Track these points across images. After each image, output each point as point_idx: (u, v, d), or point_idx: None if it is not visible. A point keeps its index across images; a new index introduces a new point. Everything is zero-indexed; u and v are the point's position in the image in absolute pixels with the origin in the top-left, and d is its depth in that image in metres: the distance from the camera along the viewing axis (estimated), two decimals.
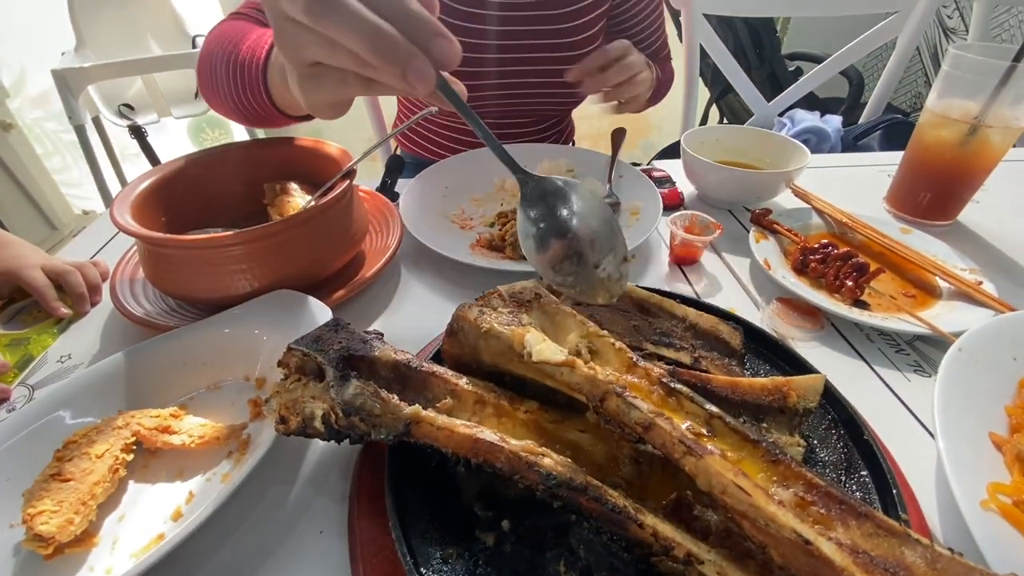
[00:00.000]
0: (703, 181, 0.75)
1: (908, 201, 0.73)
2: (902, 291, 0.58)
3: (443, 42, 0.30)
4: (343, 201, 0.57)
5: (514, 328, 0.36)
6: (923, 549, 0.24)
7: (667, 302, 0.46)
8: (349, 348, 0.39)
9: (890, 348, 0.52)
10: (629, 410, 0.30)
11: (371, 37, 0.29)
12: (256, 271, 0.52)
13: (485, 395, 0.36)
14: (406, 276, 0.63)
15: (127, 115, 1.94)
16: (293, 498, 0.40)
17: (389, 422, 0.34)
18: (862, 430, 0.38)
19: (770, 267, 0.58)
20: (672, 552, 0.27)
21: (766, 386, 0.38)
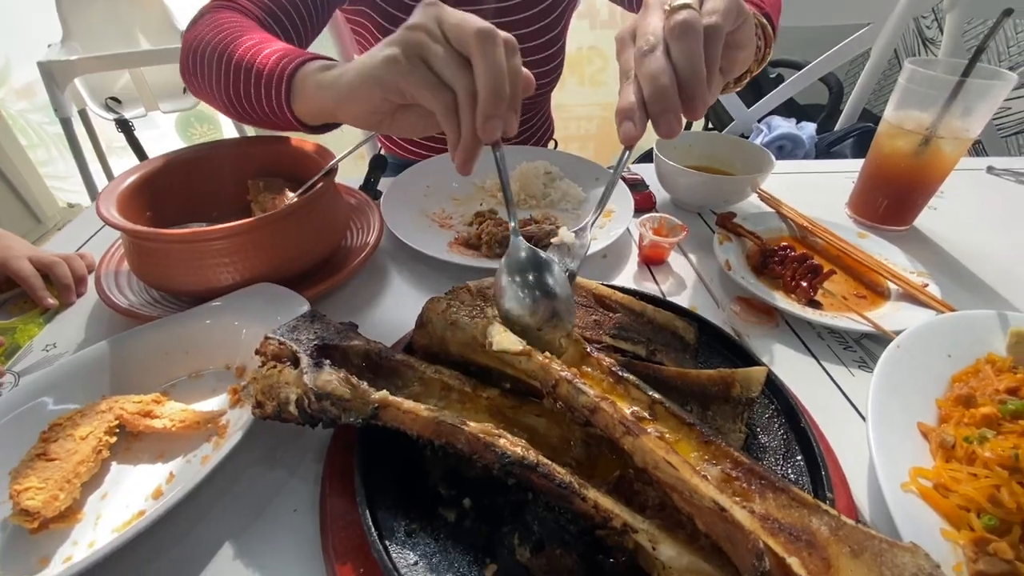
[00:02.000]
0: (674, 185, 0.78)
1: (868, 207, 0.76)
2: (854, 292, 0.61)
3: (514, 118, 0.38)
4: (324, 198, 0.59)
5: (478, 320, 0.39)
6: (829, 518, 0.27)
7: (627, 298, 0.49)
8: (323, 337, 0.41)
9: (839, 345, 0.55)
10: (577, 395, 0.33)
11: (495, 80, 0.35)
12: (238, 265, 0.54)
13: (450, 382, 0.39)
14: (386, 271, 0.66)
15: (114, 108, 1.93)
16: (268, 479, 0.42)
17: (358, 406, 0.36)
18: (800, 418, 0.41)
19: (731, 268, 0.61)
20: (611, 523, 0.29)
21: (712, 377, 0.41)
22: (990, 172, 0.96)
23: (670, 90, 0.35)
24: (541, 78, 0.94)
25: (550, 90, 1.00)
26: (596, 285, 0.50)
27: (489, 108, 0.35)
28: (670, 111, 0.35)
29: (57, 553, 0.36)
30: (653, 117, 0.36)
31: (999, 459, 0.37)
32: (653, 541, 0.28)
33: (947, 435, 0.41)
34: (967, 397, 0.45)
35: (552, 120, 1.16)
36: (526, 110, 1.02)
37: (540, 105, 1.06)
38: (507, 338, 0.36)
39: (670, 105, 0.35)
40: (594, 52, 2.49)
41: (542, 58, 0.91)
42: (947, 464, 0.39)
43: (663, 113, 0.35)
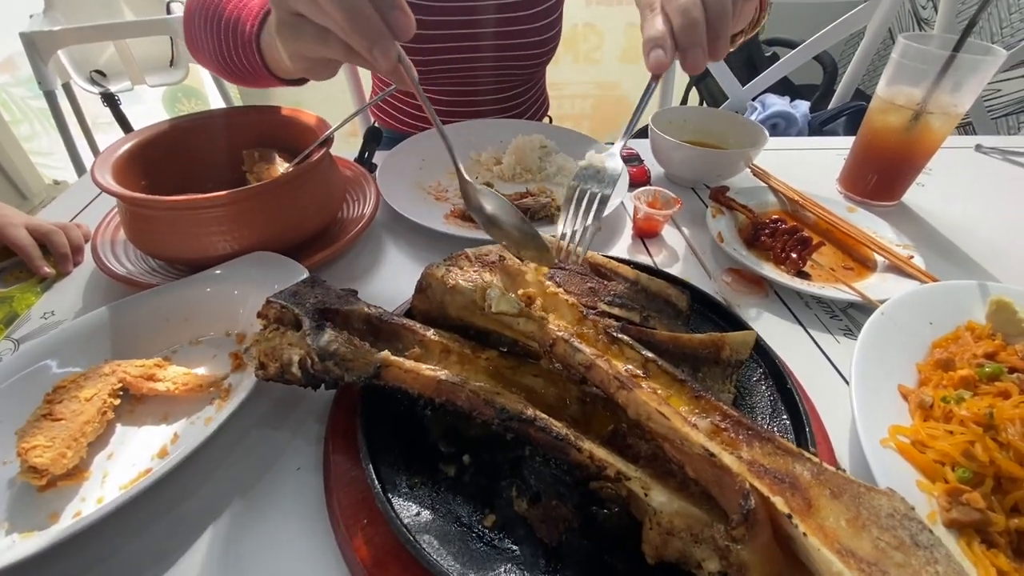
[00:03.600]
0: (668, 159, 0.79)
1: (858, 182, 0.78)
2: (842, 264, 0.63)
3: (400, 15, 0.34)
4: (320, 167, 0.59)
5: (477, 283, 0.40)
6: (812, 465, 0.29)
7: (622, 267, 0.50)
8: (325, 302, 0.42)
9: (825, 314, 0.57)
10: (574, 353, 0.34)
11: (350, 13, 0.32)
12: (236, 233, 0.54)
13: (450, 344, 0.40)
14: (383, 243, 0.66)
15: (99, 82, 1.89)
16: (272, 440, 0.43)
17: (361, 366, 0.37)
18: (787, 380, 0.43)
19: (723, 240, 0.63)
20: (605, 472, 0.31)
21: (703, 340, 0.42)
22: (978, 150, 0.97)
23: (701, 24, 0.37)
24: (538, 47, 0.93)
25: (546, 61, 0.99)
26: (592, 254, 0.50)
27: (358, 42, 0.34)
28: (698, 45, 0.37)
29: (66, 509, 0.37)
30: (682, 50, 0.38)
31: (975, 417, 0.39)
32: (645, 488, 0.30)
33: (926, 396, 0.43)
34: (946, 361, 0.46)
35: (547, 95, 1.16)
36: (521, 82, 1.02)
37: (535, 78, 1.05)
38: (506, 300, 0.37)
39: (699, 39, 0.37)
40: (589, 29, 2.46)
41: (539, 26, 0.91)
42: (925, 423, 0.41)
43: (692, 47, 0.37)
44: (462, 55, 0.90)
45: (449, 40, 0.88)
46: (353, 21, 0.33)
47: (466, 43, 0.89)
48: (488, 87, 0.96)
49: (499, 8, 0.87)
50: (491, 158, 0.80)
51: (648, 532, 0.30)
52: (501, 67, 0.94)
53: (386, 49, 0.33)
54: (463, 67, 0.92)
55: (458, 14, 0.86)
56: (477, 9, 0.86)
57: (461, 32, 0.88)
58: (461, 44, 0.89)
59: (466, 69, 0.92)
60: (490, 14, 0.87)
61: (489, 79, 0.95)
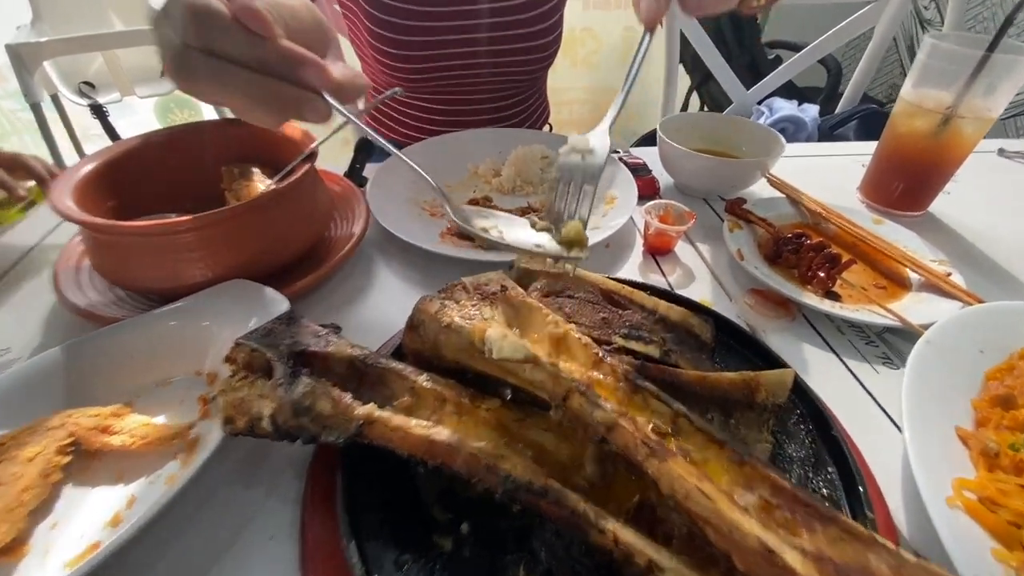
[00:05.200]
0: (678, 169, 0.74)
1: (881, 191, 0.73)
2: (873, 283, 0.58)
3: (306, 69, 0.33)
4: (303, 185, 0.54)
5: (476, 323, 0.34)
6: (888, 554, 0.24)
7: (637, 294, 0.45)
8: (301, 343, 0.37)
9: (860, 340, 0.52)
10: (592, 409, 0.29)
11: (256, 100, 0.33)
12: (210, 259, 0.49)
13: (445, 392, 0.34)
14: (373, 265, 0.61)
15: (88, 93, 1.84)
16: (242, 501, 0.38)
17: (340, 423, 0.32)
18: (830, 425, 0.37)
19: (743, 258, 0.57)
20: (633, 560, 0.26)
21: (735, 381, 0.37)
22: (1001, 155, 0.93)
23: None
24: (538, 52, 0.88)
25: (547, 66, 0.95)
26: (603, 279, 0.45)
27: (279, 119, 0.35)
28: None
29: None
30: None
31: None
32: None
33: (990, 442, 0.37)
34: (1005, 397, 0.41)
35: (548, 103, 1.11)
36: (521, 91, 0.97)
37: (536, 84, 1.00)
38: (509, 344, 0.32)
39: None
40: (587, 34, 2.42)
41: (539, 30, 0.86)
42: (991, 474, 0.36)
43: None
44: (458, 61, 0.85)
45: (444, 47, 0.84)
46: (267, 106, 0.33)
47: (462, 49, 0.84)
48: (486, 95, 0.92)
49: (497, 12, 0.82)
50: (489, 170, 0.75)
51: None
52: (500, 73, 0.89)
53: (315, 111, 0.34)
54: (459, 74, 0.87)
55: (453, 19, 0.81)
56: (473, 13, 0.81)
57: (457, 38, 0.83)
58: (457, 51, 0.84)
59: (463, 76, 0.88)
60: (487, 18, 0.82)
61: (487, 87, 0.91)
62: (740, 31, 1.83)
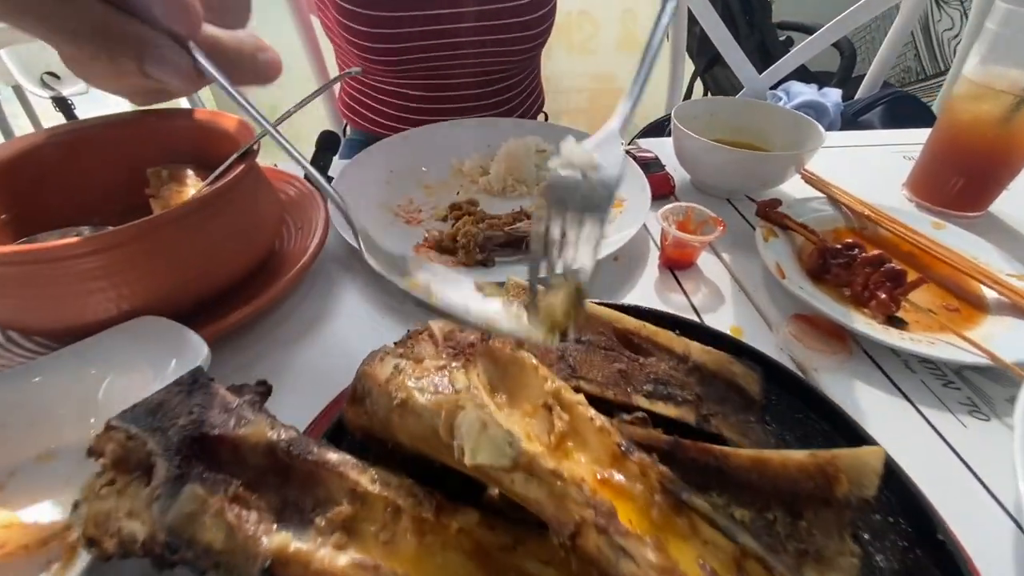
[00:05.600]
0: (697, 164, 0.63)
1: (936, 188, 0.62)
2: (943, 303, 0.47)
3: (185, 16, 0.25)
4: (240, 189, 0.44)
5: (442, 400, 0.24)
6: None
7: (663, 334, 0.34)
8: (202, 423, 0.26)
9: (935, 380, 0.41)
10: (617, 558, 0.19)
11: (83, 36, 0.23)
12: (119, 290, 0.39)
13: (400, 501, 0.24)
14: (334, 286, 0.50)
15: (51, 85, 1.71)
16: None
17: (239, 561, 0.21)
18: (934, 526, 0.27)
19: (784, 275, 0.47)
20: None
21: (804, 466, 0.27)
22: None
23: None
24: (529, 28, 0.77)
25: (538, 46, 0.84)
26: (618, 316, 0.35)
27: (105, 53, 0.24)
28: None
29: None
30: None
31: None
32: None
33: None
34: None
35: (542, 89, 1.00)
36: (511, 75, 0.86)
37: (527, 67, 0.89)
38: (489, 442, 0.21)
39: None
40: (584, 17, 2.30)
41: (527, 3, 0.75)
42: None
43: None
44: (440, 40, 0.74)
45: (424, 23, 0.72)
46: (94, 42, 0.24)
47: (444, 26, 0.73)
48: (472, 79, 0.81)
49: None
50: (476, 167, 0.64)
51: None
52: (487, 54, 0.78)
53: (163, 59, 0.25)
54: (441, 55, 0.76)
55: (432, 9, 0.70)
56: None
57: (437, 13, 0.72)
58: (438, 27, 0.73)
59: (445, 58, 0.77)
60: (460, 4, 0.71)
61: (472, 70, 0.79)
62: (750, 9, 1.71)
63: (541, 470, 0.21)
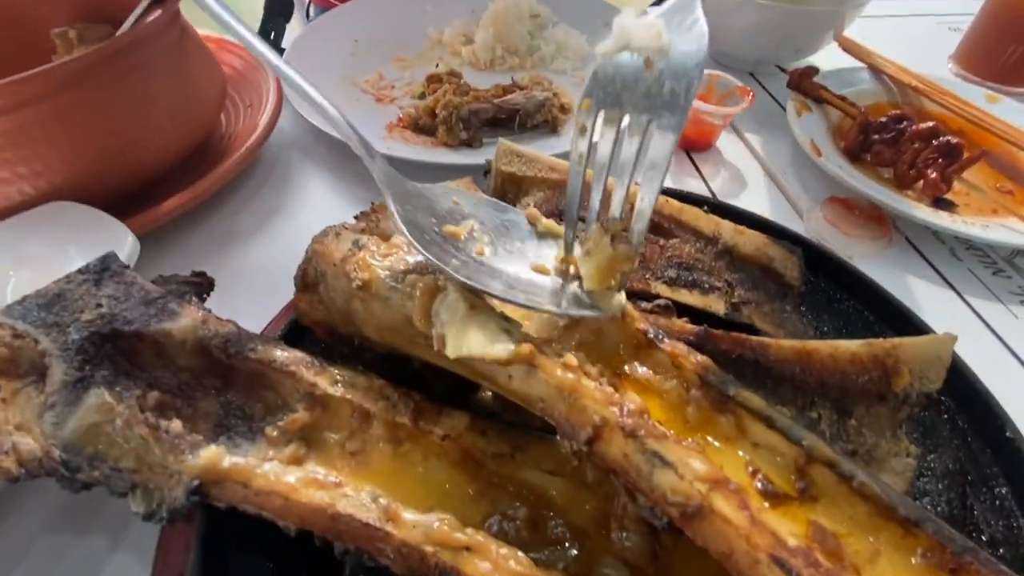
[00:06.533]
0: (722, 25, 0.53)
1: (988, 60, 0.54)
2: (995, 185, 0.42)
3: None
4: (162, 42, 0.35)
5: (415, 280, 0.18)
6: None
7: (689, 211, 0.28)
8: (113, 318, 0.21)
9: (984, 268, 0.37)
10: (651, 467, 0.14)
11: None
12: (27, 164, 0.32)
13: (369, 405, 0.19)
14: (292, 175, 0.43)
15: None
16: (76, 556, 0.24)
17: (160, 480, 0.17)
18: (1003, 424, 0.23)
19: (820, 153, 0.40)
20: None
21: (857, 357, 0.22)
22: None
23: None
24: None
25: None
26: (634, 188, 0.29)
27: None
28: None
29: None
30: None
31: None
32: None
33: None
34: None
35: None
36: None
37: None
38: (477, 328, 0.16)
39: None
40: None
41: None
42: None
43: None
44: None
45: None
46: None
47: None
48: None
49: None
50: (458, 35, 0.54)
51: None
52: None
53: None
54: None
55: None
56: None
57: None
58: None
59: None
60: None
61: None
62: None
63: (547, 362, 0.16)
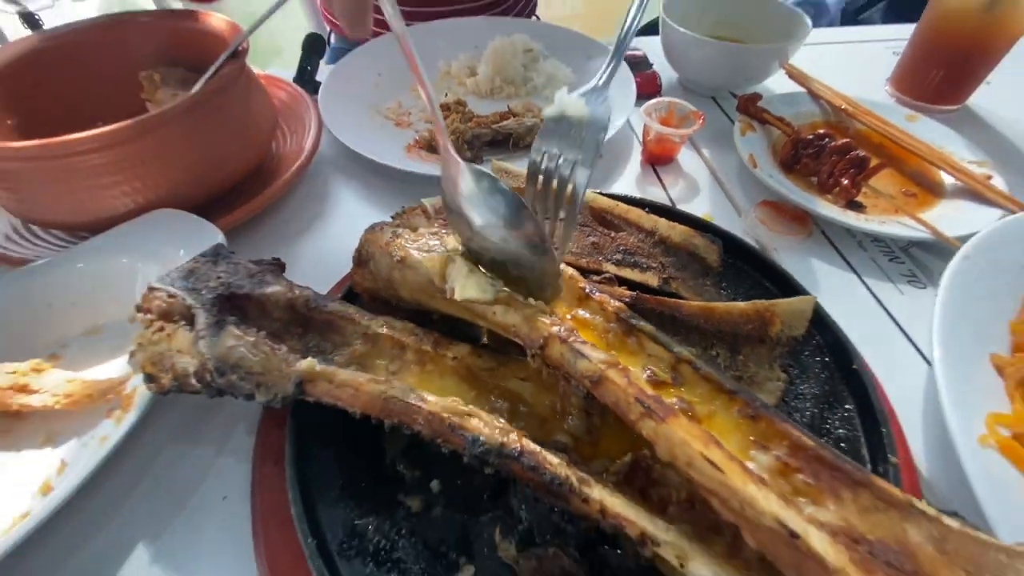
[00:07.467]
0: (684, 60, 0.64)
1: (916, 82, 0.63)
2: (902, 189, 0.51)
3: None
4: (233, 89, 0.45)
5: (435, 256, 0.28)
6: (929, 523, 0.20)
7: (633, 212, 0.38)
8: (231, 284, 0.31)
9: (883, 256, 0.46)
10: (575, 359, 0.24)
11: None
12: (130, 184, 0.42)
13: (404, 339, 0.29)
14: (330, 187, 0.53)
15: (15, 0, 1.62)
16: (191, 460, 0.34)
17: (276, 380, 0.27)
18: (851, 358, 0.33)
19: (756, 164, 0.50)
20: (623, 531, 0.22)
21: (745, 312, 0.32)
22: None
23: None
24: None
25: None
26: (593, 196, 0.38)
27: None
28: None
29: None
30: None
31: None
32: (681, 557, 0.21)
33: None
34: None
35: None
36: None
37: None
38: (475, 282, 0.26)
39: None
40: None
41: None
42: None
43: None
44: None
45: None
46: None
47: None
48: None
49: None
50: (464, 68, 0.64)
51: None
52: None
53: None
54: None
55: None
56: None
57: None
58: None
59: None
60: None
61: None
62: None
63: (516, 301, 0.25)
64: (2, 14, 1.58)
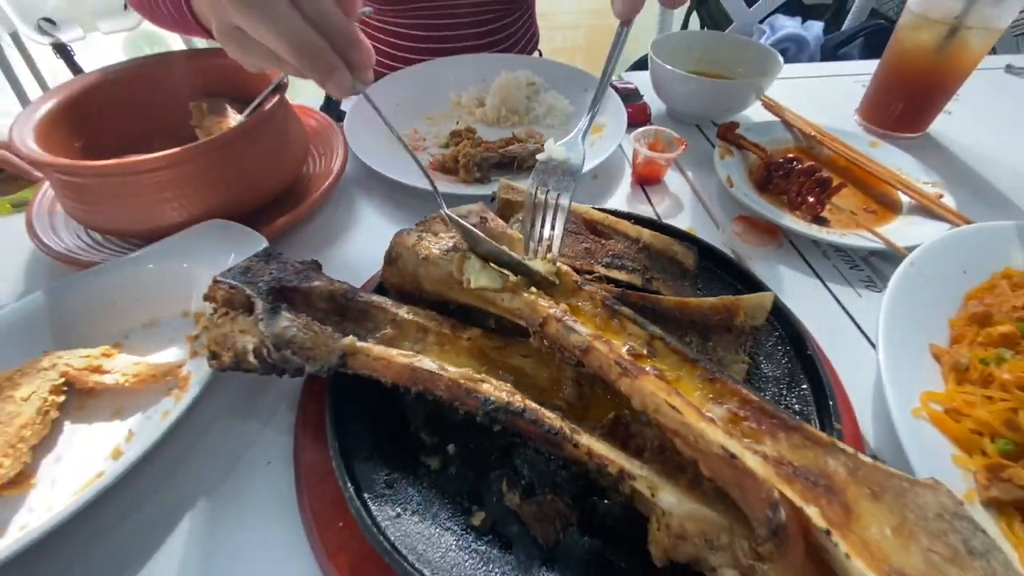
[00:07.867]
0: (670, 93, 0.71)
1: (880, 112, 0.70)
2: (863, 207, 0.57)
3: (359, 52, 0.32)
4: (273, 120, 0.52)
5: (453, 254, 0.34)
6: (846, 458, 0.25)
7: (621, 223, 0.44)
8: (281, 279, 0.36)
9: (845, 264, 0.52)
10: (568, 334, 0.29)
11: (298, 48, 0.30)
12: (183, 199, 0.48)
13: (427, 323, 0.35)
14: (355, 202, 0.60)
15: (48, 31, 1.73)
16: (239, 432, 0.39)
17: (323, 354, 0.32)
18: (806, 345, 0.38)
19: (732, 184, 0.56)
20: (606, 469, 0.27)
21: (714, 305, 0.37)
22: (1009, 71, 0.89)
23: None
24: None
25: None
26: (587, 209, 0.45)
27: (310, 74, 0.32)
28: None
29: (12, 521, 0.34)
30: None
31: (1017, 380, 0.35)
32: (652, 488, 0.26)
33: (961, 356, 0.38)
34: (983, 315, 0.42)
35: (536, 27, 1.04)
36: (506, 13, 0.91)
37: (522, 5, 0.94)
38: (486, 274, 0.32)
39: None
40: None
41: None
42: (960, 387, 0.37)
43: None
44: None
45: None
46: (302, 57, 0.31)
47: None
48: (469, 18, 0.86)
49: None
50: (473, 99, 0.72)
51: (656, 533, 0.26)
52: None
53: (340, 82, 0.32)
54: None
55: None
56: None
57: None
58: None
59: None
60: None
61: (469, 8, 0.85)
62: None
63: (520, 290, 0.31)
64: (36, 45, 1.69)
